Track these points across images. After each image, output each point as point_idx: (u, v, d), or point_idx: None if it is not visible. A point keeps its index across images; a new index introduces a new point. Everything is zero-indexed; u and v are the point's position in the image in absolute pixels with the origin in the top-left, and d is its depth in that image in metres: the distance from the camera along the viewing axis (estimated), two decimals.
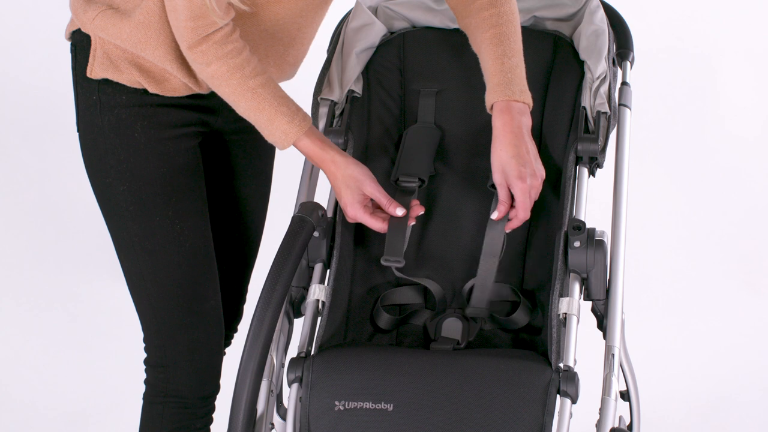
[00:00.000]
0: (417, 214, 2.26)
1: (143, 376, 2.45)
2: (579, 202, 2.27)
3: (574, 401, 2.04)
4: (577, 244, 2.18)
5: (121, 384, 3.44)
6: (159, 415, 2.43)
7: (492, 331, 2.30)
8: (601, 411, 2.09)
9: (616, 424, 2.11)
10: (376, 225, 2.23)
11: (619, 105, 2.41)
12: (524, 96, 2.21)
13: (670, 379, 3.59)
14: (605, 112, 2.32)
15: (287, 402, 2.10)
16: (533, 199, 2.19)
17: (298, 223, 2.11)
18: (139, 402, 2.47)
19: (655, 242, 3.92)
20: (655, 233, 3.93)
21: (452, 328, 2.27)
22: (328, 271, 2.28)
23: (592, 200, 2.33)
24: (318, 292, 2.23)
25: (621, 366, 2.51)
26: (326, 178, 2.26)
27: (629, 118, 2.41)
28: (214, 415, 2.49)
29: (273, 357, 2.18)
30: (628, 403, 2.63)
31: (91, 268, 3.85)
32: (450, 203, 2.37)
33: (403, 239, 2.21)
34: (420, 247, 2.36)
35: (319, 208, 2.16)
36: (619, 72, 2.46)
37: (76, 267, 3.88)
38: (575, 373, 2.05)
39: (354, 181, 2.21)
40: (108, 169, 2.31)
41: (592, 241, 2.19)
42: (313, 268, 2.28)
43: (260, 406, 2.14)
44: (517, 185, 2.17)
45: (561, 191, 2.28)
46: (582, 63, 2.38)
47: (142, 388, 2.46)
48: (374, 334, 2.32)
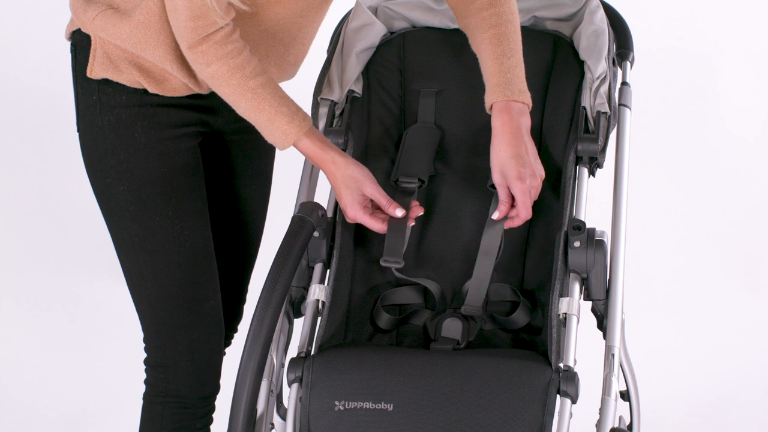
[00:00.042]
0: (416, 215, 2.26)
1: (143, 376, 2.45)
2: (579, 202, 2.26)
3: (574, 401, 2.04)
4: (577, 244, 2.18)
5: (121, 384, 3.44)
6: (159, 415, 2.43)
7: (492, 331, 2.30)
8: (601, 411, 2.09)
9: (616, 424, 2.10)
10: (376, 226, 2.23)
11: (619, 105, 2.41)
12: (523, 96, 2.21)
13: (670, 379, 3.59)
14: (605, 112, 2.32)
15: (287, 402, 2.10)
16: (533, 199, 2.19)
17: (298, 223, 2.11)
18: (139, 402, 2.47)
19: (655, 242, 3.92)
20: (655, 233, 3.93)
21: (452, 328, 2.27)
22: (328, 271, 2.28)
23: (592, 200, 2.33)
24: (318, 292, 2.23)
25: (621, 366, 2.51)
26: (326, 179, 2.26)
27: (629, 118, 2.41)
28: (214, 415, 2.49)
29: (273, 357, 2.18)
30: (628, 403, 2.63)
31: (91, 268, 3.85)
32: (450, 203, 2.37)
33: (403, 240, 2.21)
34: (420, 247, 2.35)
35: (319, 208, 2.16)
36: (619, 72, 2.45)
37: (76, 267, 3.88)
38: (575, 373, 2.05)
39: (354, 181, 2.21)
40: (108, 169, 2.31)
41: (592, 241, 2.19)
42: (313, 268, 2.28)
43: (260, 406, 2.14)
44: (516, 185, 2.17)
45: (561, 191, 2.28)
46: (582, 63, 2.38)
47: (142, 388, 2.46)
48: (374, 334, 2.32)
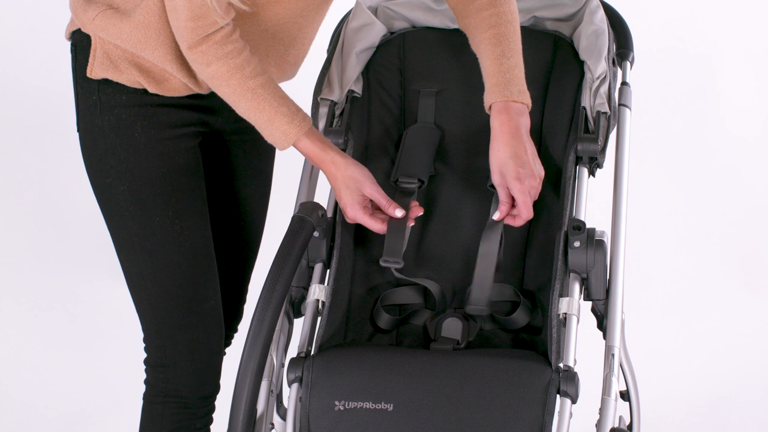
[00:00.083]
0: (416, 215, 2.26)
1: (143, 376, 2.45)
2: (579, 202, 2.26)
3: (574, 401, 2.04)
4: (577, 244, 2.18)
5: (121, 384, 3.44)
6: (159, 415, 2.43)
7: (492, 331, 2.30)
8: (601, 411, 2.09)
9: (616, 424, 2.10)
10: (376, 226, 2.22)
11: (619, 105, 2.41)
12: (522, 96, 2.21)
13: (670, 379, 3.59)
14: (605, 112, 2.32)
15: (287, 402, 2.10)
16: (533, 199, 2.19)
17: (298, 223, 2.11)
18: (139, 402, 2.47)
19: (655, 242, 3.92)
20: (655, 233, 3.93)
21: (452, 328, 2.27)
22: (328, 271, 2.28)
23: (592, 200, 2.33)
24: (318, 292, 2.23)
25: (621, 366, 2.51)
26: (326, 179, 2.26)
27: (629, 118, 2.41)
28: (214, 415, 2.49)
29: (273, 357, 2.18)
30: (628, 403, 2.63)
31: (91, 268, 3.85)
32: (450, 203, 2.37)
33: (402, 240, 2.21)
34: (420, 247, 2.35)
35: (319, 208, 2.16)
36: (619, 72, 2.45)
37: (76, 267, 3.88)
38: (575, 373, 2.05)
39: (354, 182, 2.21)
40: (108, 169, 2.31)
41: (592, 241, 2.18)
42: (313, 268, 2.28)
43: (260, 406, 2.14)
44: (515, 186, 2.17)
45: (561, 191, 2.27)
46: (582, 63, 2.38)
47: (142, 388, 2.46)
48: (374, 334, 2.32)
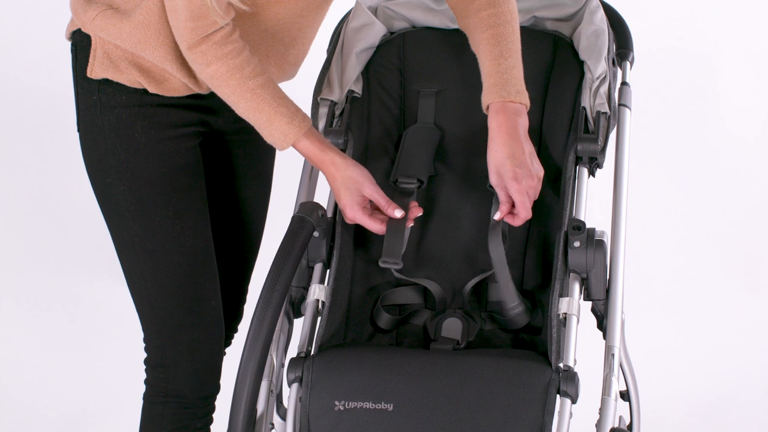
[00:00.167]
0: (415, 216, 2.25)
1: (143, 376, 2.45)
2: (579, 202, 2.26)
3: (574, 401, 2.04)
4: (577, 244, 2.18)
5: (121, 384, 3.44)
6: (159, 415, 2.43)
7: (492, 331, 2.30)
8: (601, 411, 2.09)
9: (616, 424, 2.10)
10: (375, 227, 2.22)
11: (619, 105, 2.41)
12: (520, 96, 2.20)
13: (670, 379, 3.59)
14: (605, 112, 2.32)
15: (287, 402, 2.10)
16: (532, 199, 2.19)
17: (298, 223, 2.11)
18: (139, 402, 2.47)
19: (655, 242, 3.92)
20: (655, 233, 3.93)
21: (452, 328, 2.27)
22: (328, 271, 2.28)
23: (592, 200, 2.33)
24: (318, 292, 2.23)
25: (621, 366, 2.51)
26: (326, 179, 2.26)
27: (629, 118, 2.41)
28: (214, 415, 2.49)
29: (273, 357, 2.18)
30: (628, 403, 2.63)
31: (91, 268, 3.85)
32: (450, 203, 2.37)
33: (402, 241, 2.21)
34: (420, 247, 2.35)
35: (319, 208, 2.16)
36: (619, 72, 2.45)
37: (76, 267, 3.88)
38: (575, 373, 2.05)
39: (353, 182, 2.21)
40: (108, 169, 2.31)
41: (592, 241, 2.18)
42: (313, 268, 2.28)
43: (260, 406, 2.14)
44: (512, 186, 2.17)
45: (561, 191, 2.27)
46: (582, 63, 2.38)
47: (142, 388, 2.46)
48: (374, 334, 2.32)
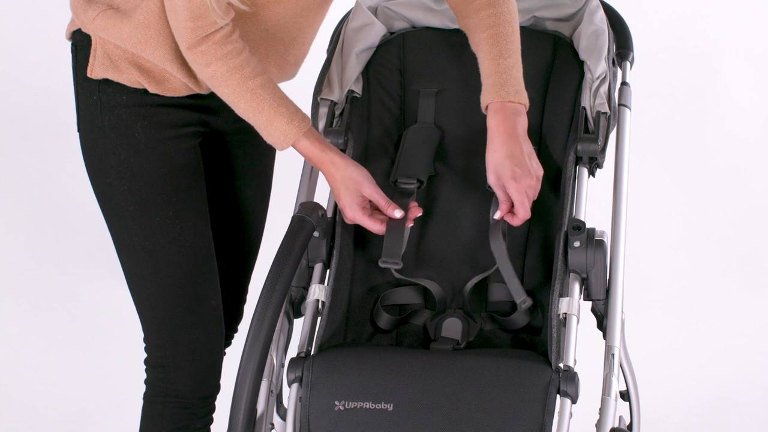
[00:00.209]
0: (415, 216, 2.25)
1: (143, 376, 2.45)
2: (579, 202, 2.26)
3: (574, 401, 2.04)
4: (577, 244, 2.18)
5: (121, 384, 3.44)
6: (159, 415, 2.43)
7: (492, 331, 2.30)
8: (601, 411, 2.09)
9: (616, 424, 2.10)
10: (375, 227, 2.22)
11: (619, 105, 2.41)
12: (519, 96, 2.20)
13: (670, 379, 3.59)
14: (605, 112, 2.32)
15: (287, 402, 2.10)
16: (531, 199, 2.19)
17: (298, 223, 2.11)
18: (139, 402, 2.47)
19: (655, 242, 3.92)
20: (655, 233, 3.93)
21: (452, 328, 2.27)
22: (328, 271, 2.28)
23: (592, 200, 2.33)
24: (318, 292, 2.23)
25: (621, 366, 2.51)
26: (325, 179, 2.26)
27: (629, 118, 2.41)
28: (214, 415, 2.49)
29: (273, 357, 2.18)
30: (628, 403, 2.63)
31: (91, 268, 3.85)
32: (450, 203, 2.37)
33: (401, 241, 2.21)
34: (420, 247, 2.35)
35: (319, 208, 2.16)
36: (619, 72, 2.45)
37: (76, 267, 3.88)
38: (575, 373, 2.05)
39: (353, 182, 2.21)
40: (108, 169, 2.31)
41: (592, 241, 2.18)
42: (313, 268, 2.28)
43: (260, 406, 2.14)
44: (511, 185, 2.17)
45: (561, 191, 2.27)
46: (582, 63, 2.38)
47: (142, 388, 2.46)
48: (374, 334, 2.32)
